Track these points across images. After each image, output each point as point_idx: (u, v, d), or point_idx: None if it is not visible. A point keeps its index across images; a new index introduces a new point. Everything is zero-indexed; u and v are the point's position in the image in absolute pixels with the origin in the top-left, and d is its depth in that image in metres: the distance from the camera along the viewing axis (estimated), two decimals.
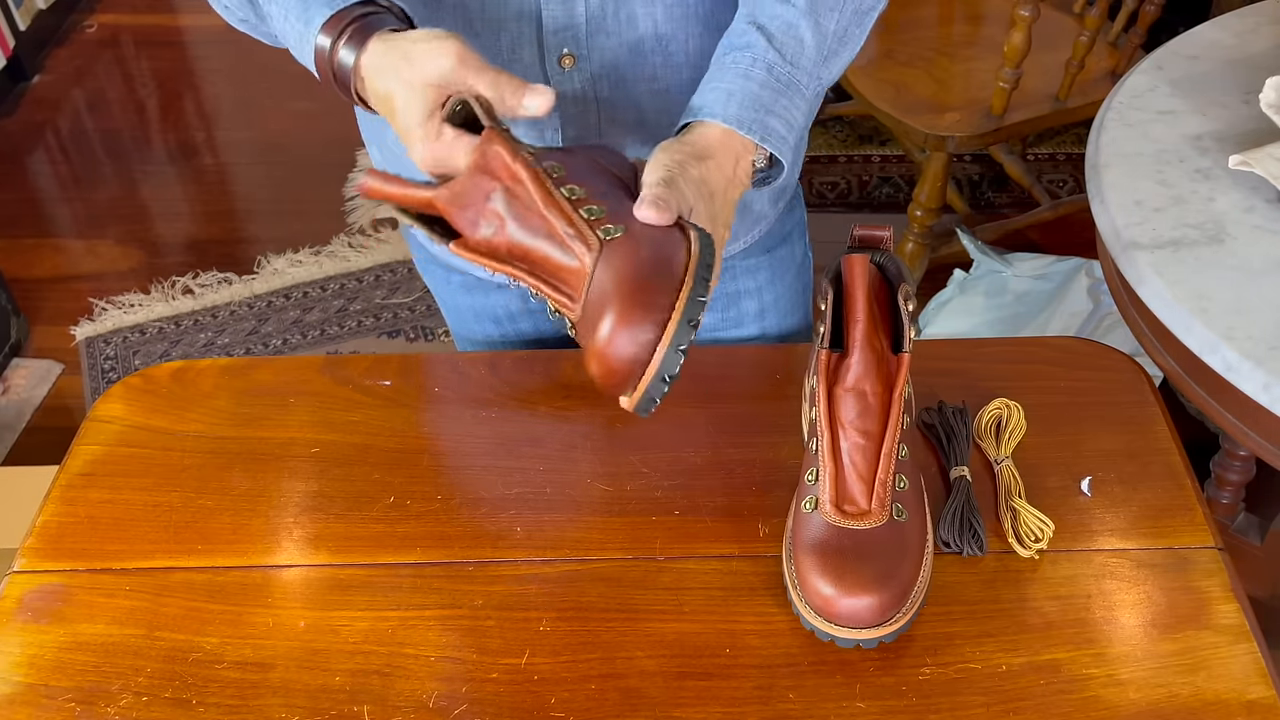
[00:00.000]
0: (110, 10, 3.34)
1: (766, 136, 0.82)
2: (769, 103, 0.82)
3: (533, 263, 0.78)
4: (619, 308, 0.71)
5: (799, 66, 0.84)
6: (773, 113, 0.82)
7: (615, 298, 0.72)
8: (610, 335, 0.72)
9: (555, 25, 0.89)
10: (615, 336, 0.71)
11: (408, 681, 0.78)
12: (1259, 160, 1.16)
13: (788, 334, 1.17)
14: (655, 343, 0.72)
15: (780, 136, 0.83)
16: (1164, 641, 0.79)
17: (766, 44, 0.83)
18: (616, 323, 0.71)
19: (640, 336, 0.71)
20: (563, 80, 0.91)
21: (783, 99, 0.83)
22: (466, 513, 0.89)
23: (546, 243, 0.77)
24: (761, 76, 0.82)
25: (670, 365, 0.72)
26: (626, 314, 0.71)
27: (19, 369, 2.27)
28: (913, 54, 2.14)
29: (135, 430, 0.96)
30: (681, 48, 0.92)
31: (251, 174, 2.78)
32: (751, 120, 0.81)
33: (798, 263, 1.16)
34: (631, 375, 0.73)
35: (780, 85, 0.83)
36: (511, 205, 0.77)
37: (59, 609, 0.83)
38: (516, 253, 0.78)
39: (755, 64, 0.82)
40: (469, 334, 1.19)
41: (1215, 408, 1.12)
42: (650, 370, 0.72)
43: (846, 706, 0.76)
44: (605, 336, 0.72)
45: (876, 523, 0.78)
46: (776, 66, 0.83)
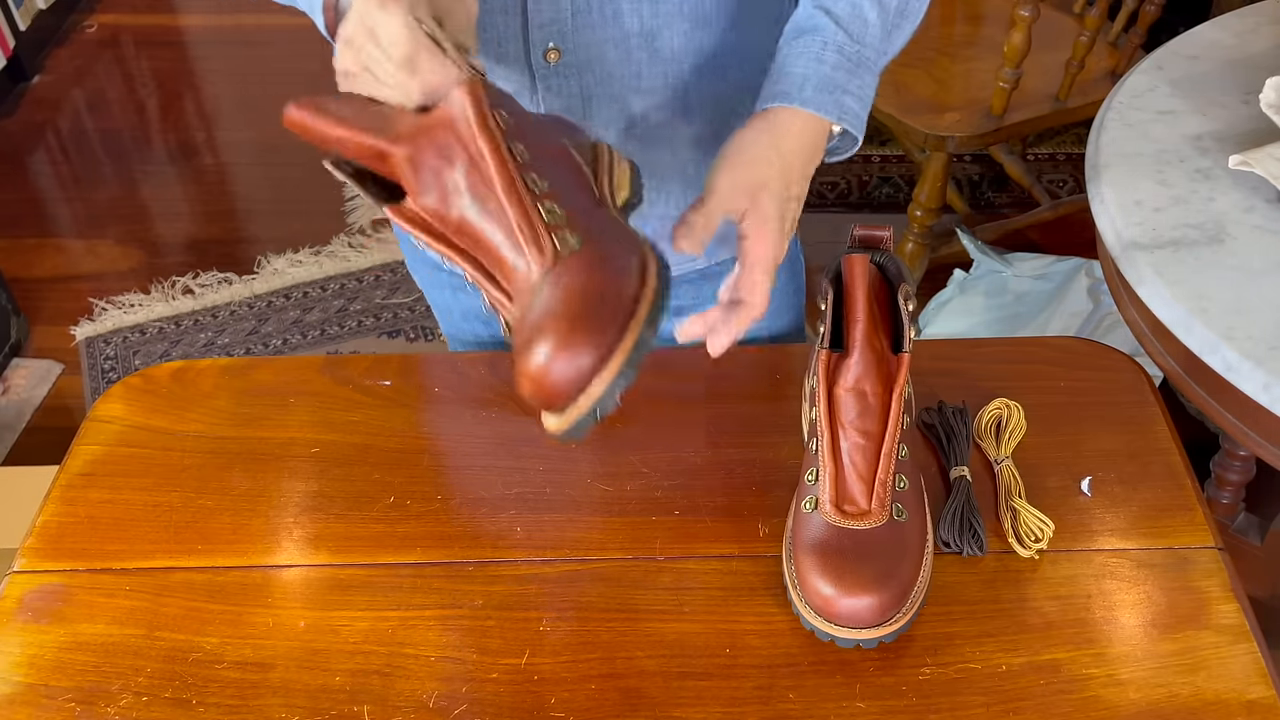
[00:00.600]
0: (110, 10, 3.34)
1: (843, 115, 0.84)
2: (843, 83, 0.85)
3: (479, 248, 0.72)
4: (563, 330, 0.67)
5: (866, 44, 0.87)
6: (847, 92, 0.85)
7: (561, 319, 0.67)
8: (549, 359, 0.67)
9: (541, 19, 0.89)
10: (554, 361, 0.67)
11: (408, 681, 0.78)
12: (1259, 160, 1.16)
13: (779, 334, 1.17)
14: (593, 373, 0.68)
15: (855, 114, 0.85)
16: (1164, 641, 0.79)
17: (835, 26, 0.86)
18: (557, 346, 0.67)
19: (580, 364, 0.67)
20: (548, 74, 0.91)
21: (855, 78, 0.86)
22: (466, 513, 0.89)
23: (498, 232, 0.71)
24: (834, 59, 0.85)
25: (607, 401, 0.68)
26: (569, 339, 0.67)
27: (19, 369, 2.27)
28: (913, 54, 2.14)
29: (135, 430, 0.96)
30: (667, 43, 0.92)
31: (251, 174, 2.78)
32: (828, 102, 0.84)
33: (789, 265, 1.16)
34: (563, 401, 0.68)
35: (851, 65, 0.85)
36: (471, 179, 0.71)
37: (59, 609, 0.83)
38: (465, 231, 0.72)
39: (826, 47, 0.85)
40: (459, 333, 1.20)
41: (1215, 408, 1.12)
42: (584, 402, 0.68)
43: (846, 706, 0.76)
44: (543, 359, 0.67)
45: (876, 523, 0.78)
46: (846, 47, 0.85)
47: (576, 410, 0.69)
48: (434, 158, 0.71)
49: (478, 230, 0.71)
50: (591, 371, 0.68)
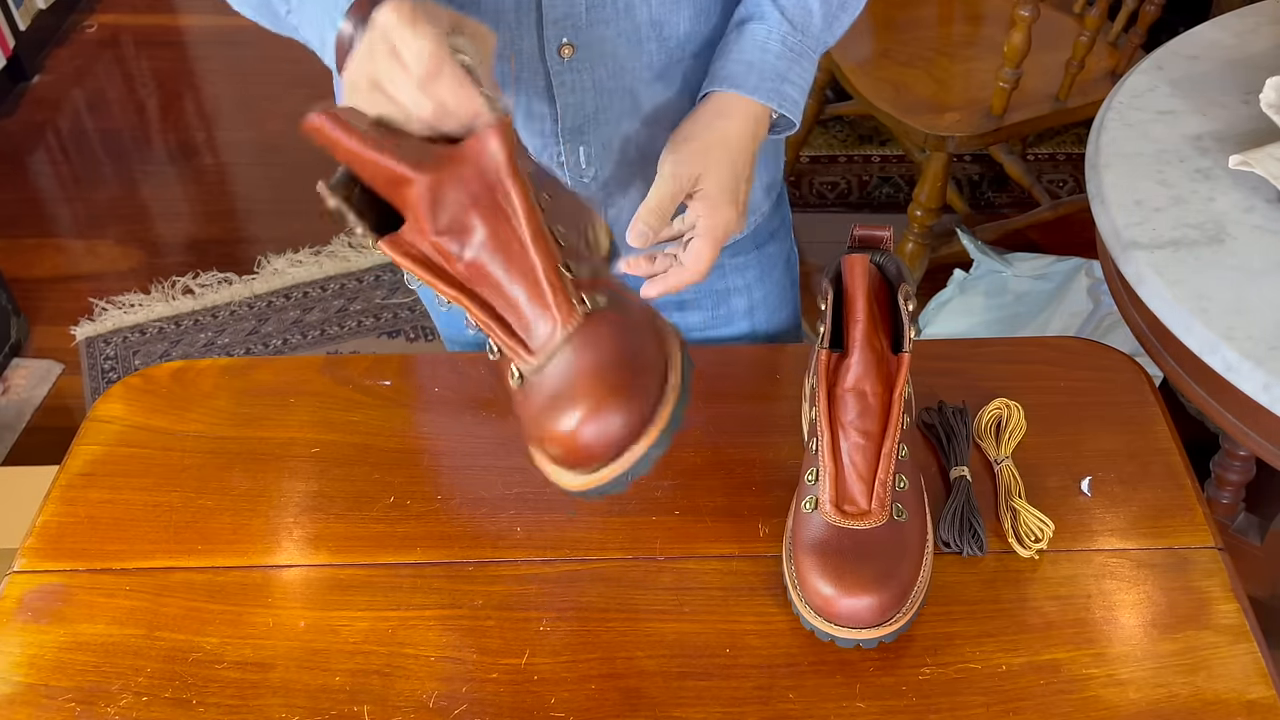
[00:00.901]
0: (110, 10, 3.34)
1: (783, 103, 0.90)
2: (784, 71, 0.90)
3: (491, 293, 0.70)
4: (599, 396, 0.66)
5: (808, 34, 0.92)
6: (787, 80, 0.90)
7: (595, 384, 0.66)
8: (581, 423, 0.66)
9: (555, 15, 0.89)
10: (587, 426, 0.66)
11: (408, 681, 0.78)
12: (1259, 160, 1.16)
13: (776, 330, 1.18)
14: (628, 441, 0.67)
15: (794, 101, 0.91)
16: (1164, 641, 0.79)
17: (780, 16, 0.90)
18: (591, 411, 0.65)
19: (613, 430, 0.66)
20: (562, 69, 0.92)
21: (795, 66, 0.91)
22: (466, 513, 0.89)
23: (519, 282, 0.68)
24: (777, 48, 0.90)
25: (641, 468, 0.68)
26: (603, 404, 0.66)
27: (19, 369, 2.27)
28: (913, 54, 2.14)
29: (135, 430, 0.96)
30: (674, 31, 0.93)
31: (251, 174, 2.77)
32: (769, 89, 0.89)
33: (785, 259, 1.17)
34: (595, 463, 0.67)
35: (793, 55, 0.90)
36: (494, 224, 0.68)
37: (59, 609, 0.83)
38: (477, 274, 0.69)
39: (770, 35, 0.90)
40: (456, 336, 1.20)
41: (1215, 408, 1.12)
42: (618, 468, 0.67)
43: (846, 706, 0.76)
44: (575, 424, 0.66)
45: (876, 523, 0.78)
46: (789, 37, 0.90)
47: (610, 473, 0.68)
48: (456, 193, 0.68)
49: (494, 277, 0.69)
50: (629, 438, 0.67)
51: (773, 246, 1.14)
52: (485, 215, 0.68)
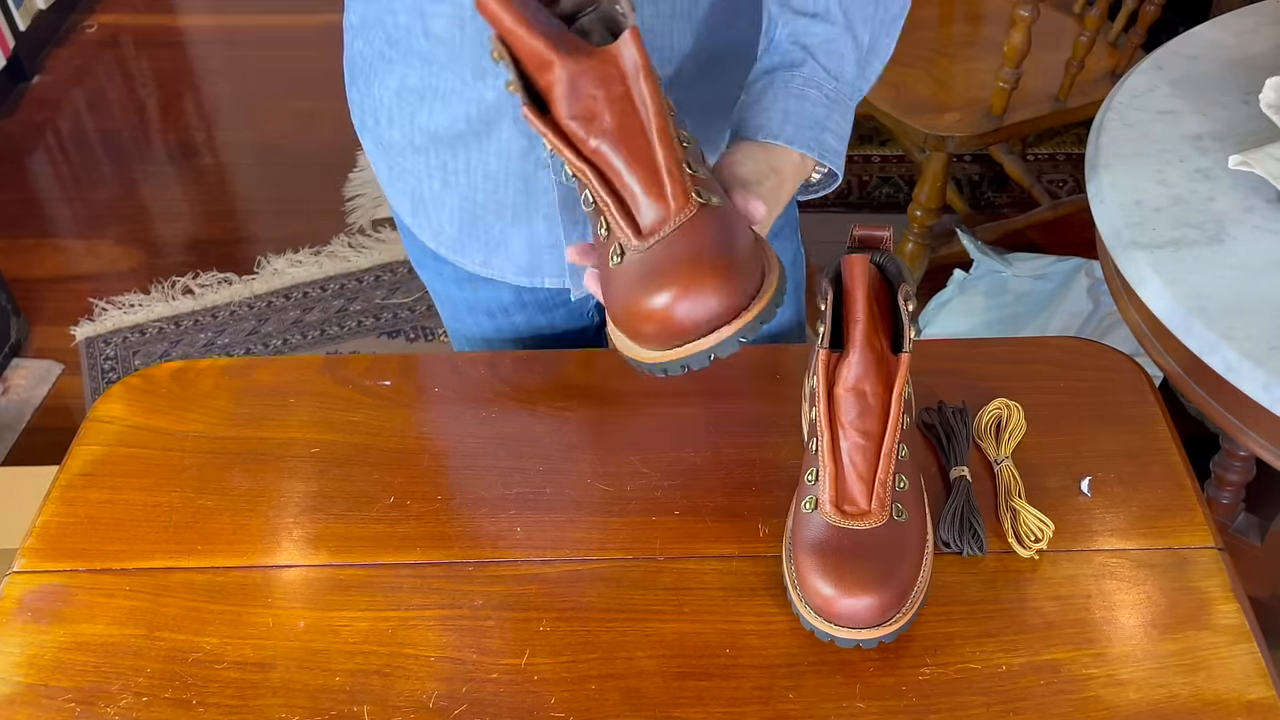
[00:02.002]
0: (110, 10, 3.34)
1: (824, 153, 0.86)
2: (822, 119, 0.86)
3: (612, 176, 0.75)
4: (700, 275, 0.71)
5: (843, 80, 0.87)
6: (826, 129, 0.86)
7: (697, 264, 0.71)
8: (677, 298, 0.71)
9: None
10: (682, 302, 0.71)
11: (408, 681, 0.78)
12: (1259, 160, 1.16)
13: (780, 330, 1.18)
14: (721, 321, 0.72)
15: (834, 150, 0.87)
16: (1164, 641, 0.79)
17: (814, 63, 0.86)
18: (690, 288, 0.71)
19: (708, 308, 0.71)
20: None
21: (834, 114, 0.86)
22: (466, 513, 0.89)
23: (636, 172, 0.74)
24: (814, 95, 0.86)
25: (727, 348, 0.73)
26: (703, 283, 0.71)
27: (19, 369, 2.27)
28: (913, 54, 2.14)
29: (135, 430, 0.96)
30: (666, 42, 0.93)
31: (251, 174, 2.77)
32: (809, 139, 0.85)
33: (790, 259, 1.16)
34: (684, 336, 0.72)
35: (830, 102, 0.86)
36: (622, 117, 0.74)
37: (59, 609, 0.83)
38: (597, 161, 0.75)
39: (807, 84, 0.86)
40: (463, 328, 1.20)
41: (1215, 408, 1.12)
42: (707, 343, 0.72)
43: (846, 706, 0.76)
44: (671, 299, 0.71)
45: (876, 523, 0.78)
46: (825, 84, 0.86)
47: (696, 347, 0.73)
48: (591, 85, 0.74)
49: (615, 165, 0.75)
50: (723, 317, 0.72)
51: (777, 245, 1.14)
52: (616, 108, 0.74)
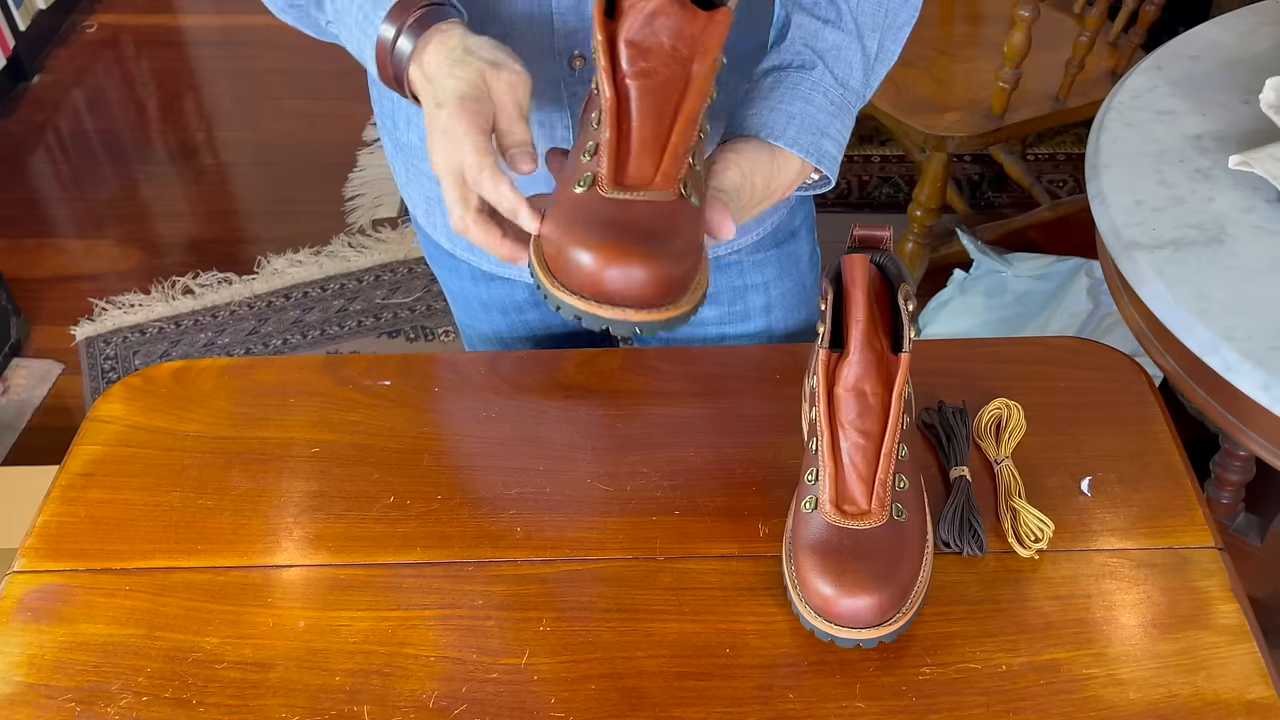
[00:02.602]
0: (110, 10, 3.34)
1: (822, 159, 0.86)
2: (824, 125, 0.86)
3: (622, 112, 0.75)
4: (641, 253, 0.70)
5: (849, 88, 0.88)
6: (827, 135, 0.86)
7: (645, 241, 0.71)
8: (615, 259, 0.70)
9: (566, 29, 0.89)
10: (617, 265, 0.70)
11: (408, 681, 0.78)
12: (1259, 160, 1.16)
13: (794, 330, 1.17)
14: (628, 302, 0.71)
15: (832, 157, 0.87)
16: (1164, 641, 0.79)
17: (824, 67, 0.87)
18: (632, 259, 0.70)
19: (630, 284, 0.71)
20: (573, 81, 0.92)
21: (836, 121, 0.87)
22: (466, 513, 0.89)
23: (649, 132, 0.74)
24: (820, 101, 0.86)
25: (622, 329, 0.72)
26: (642, 261, 0.70)
27: (19, 369, 2.27)
28: (913, 54, 2.14)
29: (135, 430, 0.96)
30: None
31: (251, 174, 2.78)
32: (809, 144, 0.85)
33: (805, 259, 1.16)
34: (595, 292, 0.71)
35: (835, 108, 0.87)
36: (671, 79, 0.74)
37: (59, 609, 0.83)
38: (622, 95, 0.75)
39: (814, 88, 0.86)
40: (476, 325, 1.20)
41: (1215, 408, 1.12)
42: (609, 313, 0.71)
43: (846, 706, 0.76)
44: (609, 255, 0.70)
45: (876, 523, 0.78)
46: (832, 90, 0.87)
47: (599, 311, 0.71)
48: (667, 29, 0.74)
49: (634, 107, 0.74)
50: (631, 301, 0.71)
51: (793, 245, 1.14)
52: (671, 65, 0.74)
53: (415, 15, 0.79)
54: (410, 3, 0.80)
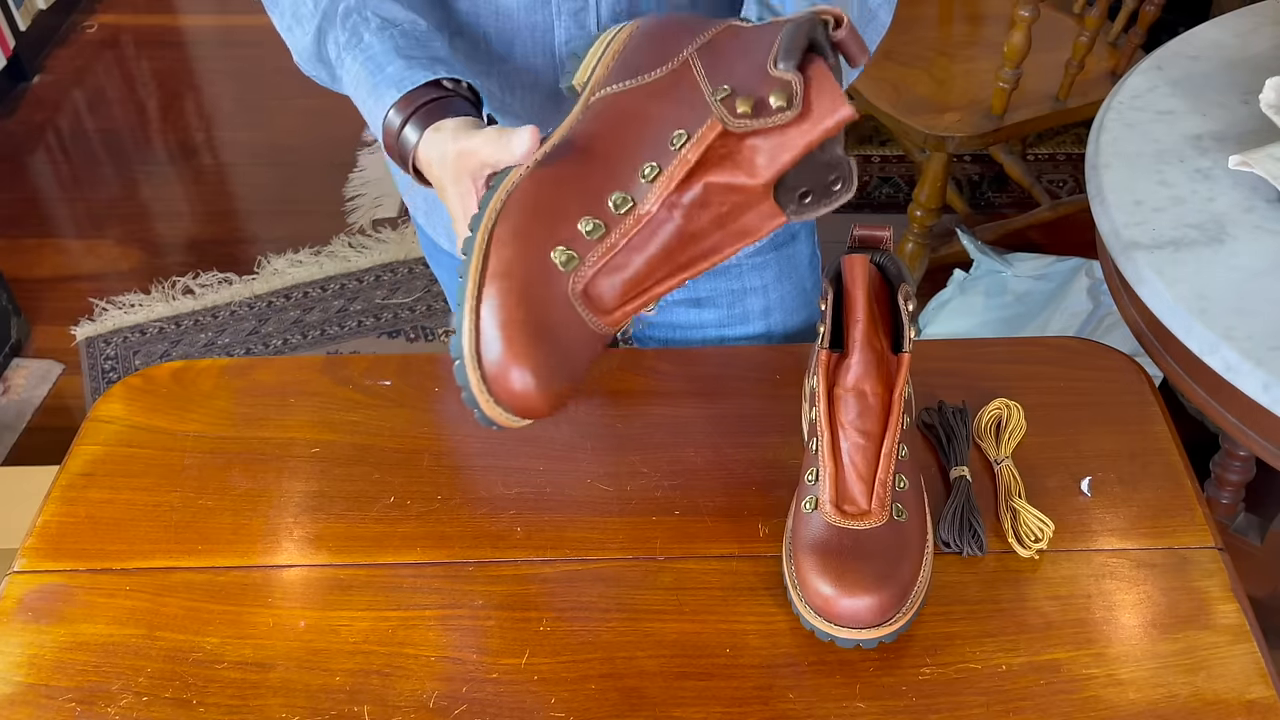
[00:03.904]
0: (110, 10, 3.34)
1: None
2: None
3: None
4: (532, 352, 0.70)
5: None
6: None
7: (538, 339, 0.70)
8: (505, 359, 0.70)
9: (568, 36, 0.90)
10: (512, 368, 0.70)
11: (408, 681, 0.78)
12: (1259, 160, 1.16)
13: (793, 332, 1.17)
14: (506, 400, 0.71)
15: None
16: (1164, 641, 0.79)
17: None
18: (514, 354, 0.70)
19: (520, 384, 0.70)
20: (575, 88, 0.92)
21: None
22: (466, 513, 0.89)
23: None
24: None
25: (478, 415, 0.72)
26: (527, 360, 0.70)
27: (19, 369, 2.27)
28: (913, 54, 2.14)
29: (135, 430, 0.96)
30: None
31: (251, 174, 2.78)
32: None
33: (805, 262, 1.16)
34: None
35: None
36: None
37: (59, 609, 0.83)
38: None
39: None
40: None
41: (1215, 408, 1.12)
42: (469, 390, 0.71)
43: (846, 706, 0.76)
44: (500, 355, 0.70)
45: (876, 523, 0.78)
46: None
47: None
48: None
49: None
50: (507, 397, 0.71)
51: (793, 248, 1.14)
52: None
53: (418, 111, 0.80)
54: (412, 98, 0.81)
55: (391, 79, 0.81)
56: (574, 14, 0.89)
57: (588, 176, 0.72)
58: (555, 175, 0.73)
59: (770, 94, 0.69)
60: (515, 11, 0.89)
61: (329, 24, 0.85)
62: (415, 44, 0.83)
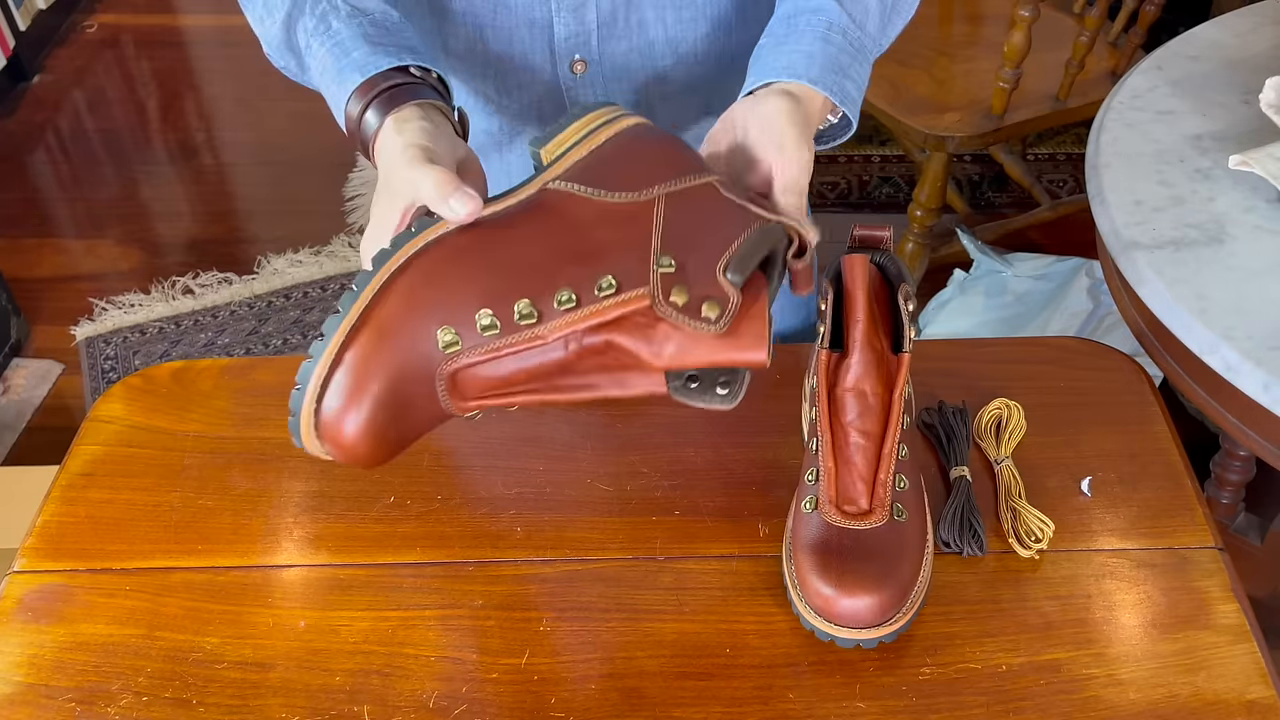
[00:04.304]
0: (110, 10, 3.34)
1: (844, 99, 0.83)
2: (845, 66, 0.83)
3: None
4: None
5: (866, 31, 0.85)
6: (848, 76, 0.83)
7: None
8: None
9: (567, 32, 0.89)
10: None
11: (408, 681, 0.78)
12: (1259, 160, 1.16)
13: (789, 333, 1.17)
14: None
15: (853, 99, 0.84)
16: (1164, 641, 0.79)
17: (839, 8, 0.84)
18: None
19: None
20: (575, 85, 0.92)
21: (855, 63, 0.84)
22: (466, 513, 0.89)
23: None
24: (839, 41, 0.83)
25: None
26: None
27: (19, 369, 2.27)
28: (913, 54, 2.14)
29: (135, 430, 0.96)
30: (691, 48, 0.92)
31: (251, 174, 2.78)
32: (832, 82, 0.82)
33: None
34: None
35: (853, 49, 0.84)
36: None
37: (59, 609, 0.83)
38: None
39: (831, 28, 0.83)
40: None
41: (1215, 408, 1.12)
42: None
43: (846, 706, 0.76)
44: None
45: (876, 523, 0.78)
46: (850, 31, 0.84)
47: None
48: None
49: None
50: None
51: None
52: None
53: (378, 97, 0.78)
54: (373, 82, 0.78)
55: (356, 63, 0.79)
56: (574, 9, 0.89)
57: (506, 271, 0.70)
58: (476, 253, 0.71)
59: (706, 300, 0.69)
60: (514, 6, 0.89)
61: (299, 11, 0.84)
62: (384, 32, 0.82)
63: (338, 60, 0.81)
